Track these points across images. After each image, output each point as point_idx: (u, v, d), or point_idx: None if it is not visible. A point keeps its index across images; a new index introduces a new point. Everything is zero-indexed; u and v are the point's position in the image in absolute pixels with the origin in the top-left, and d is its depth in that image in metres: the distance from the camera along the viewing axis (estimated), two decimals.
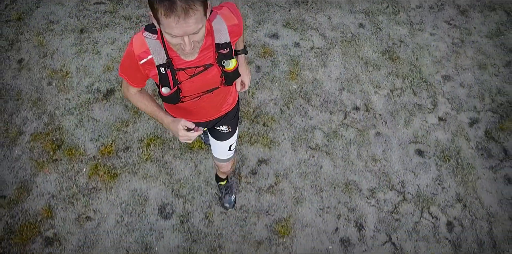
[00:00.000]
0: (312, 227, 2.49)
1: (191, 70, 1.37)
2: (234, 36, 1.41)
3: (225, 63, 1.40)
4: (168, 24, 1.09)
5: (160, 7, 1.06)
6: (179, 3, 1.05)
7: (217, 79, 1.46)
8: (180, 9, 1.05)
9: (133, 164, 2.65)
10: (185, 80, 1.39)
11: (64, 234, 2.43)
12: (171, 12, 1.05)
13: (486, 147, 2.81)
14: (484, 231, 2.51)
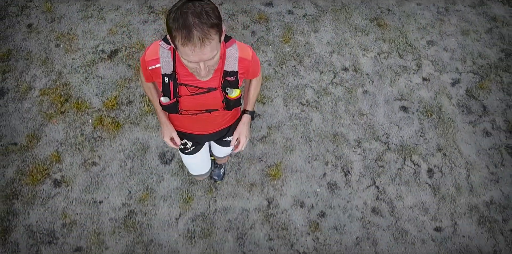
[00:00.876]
0: (301, 172, 2.67)
1: (193, 88, 1.40)
2: (242, 70, 1.43)
3: (228, 90, 1.42)
4: (184, 51, 1.14)
5: (178, 35, 1.11)
6: (196, 33, 1.09)
7: (218, 103, 1.48)
8: (196, 38, 1.10)
9: (135, 116, 2.84)
10: (185, 96, 1.43)
11: (71, 176, 2.61)
12: (188, 41, 1.10)
13: (467, 104, 2.99)
14: (462, 177, 2.69)
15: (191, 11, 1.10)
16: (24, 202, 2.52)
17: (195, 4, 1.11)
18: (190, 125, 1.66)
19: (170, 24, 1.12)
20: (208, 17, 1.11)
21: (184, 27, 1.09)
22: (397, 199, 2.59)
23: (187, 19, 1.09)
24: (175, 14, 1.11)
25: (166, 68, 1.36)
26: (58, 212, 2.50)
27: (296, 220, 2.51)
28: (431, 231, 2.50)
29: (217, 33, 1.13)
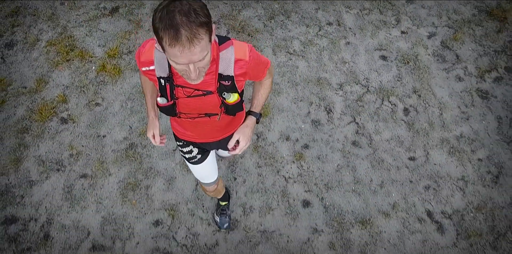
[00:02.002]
0: (287, 111, 2.91)
1: (189, 90, 1.35)
2: (239, 72, 1.35)
3: (225, 95, 1.36)
4: (173, 53, 1.08)
5: (165, 35, 1.05)
6: (184, 33, 1.03)
7: (216, 107, 1.43)
8: (185, 38, 1.04)
9: (135, 63, 3.08)
10: (182, 98, 1.38)
11: (77, 114, 2.85)
12: (176, 41, 1.04)
13: (441, 53, 3.24)
14: (435, 115, 2.94)
15: (178, 10, 1.04)
16: (34, 136, 2.76)
17: (182, 2, 1.06)
18: (193, 130, 1.61)
19: (157, 24, 1.06)
20: (197, 16, 1.05)
21: (171, 27, 1.03)
22: (375, 133, 2.84)
23: (174, 18, 1.03)
24: (161, 13, 1.05)
25: (161, 71, 1.32)
26: (65, 144, 2.73)
27: (282, 151, 2.75)
28: (405, 160, 2.74)
29: (206, 32, 1.08)
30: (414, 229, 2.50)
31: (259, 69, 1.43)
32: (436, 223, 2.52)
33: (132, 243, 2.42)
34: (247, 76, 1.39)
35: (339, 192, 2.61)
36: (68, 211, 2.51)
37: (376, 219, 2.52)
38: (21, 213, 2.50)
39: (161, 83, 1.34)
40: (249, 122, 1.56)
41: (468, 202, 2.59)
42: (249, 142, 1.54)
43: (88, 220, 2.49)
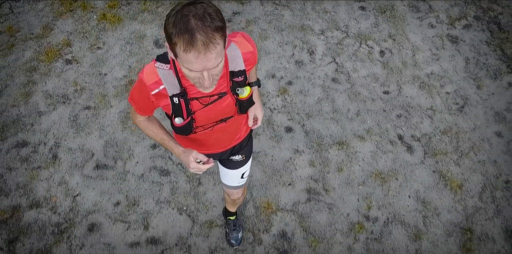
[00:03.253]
0: (273, 54, 3.18)
1: (205, 99, 1.32)
2: (249, 64, 1.35)
3: (239, 91, 1.34)
4: (187, 59, 1.04)
5: (179, 41, 1.01)
6: (200, 37, 1.00)
7: (232, 108, 1.40)
8: (200, 43, 1.00)
9: (134, 12, 3.34)
10: (199, 110, 1.35)
11: (80, 56, 3.12)
12: (191, 47, 1.00)
13: (416, 5, 3.51)
14: (409, 56, 3.21)
15: (192, 14, 1.00)
16: (41, 74, 3.02)
17: (197, 6, 1.02)
18: (206, 142, 1.56)
19: (170, 30, 1.02)
20: (212, 20, 1.01)
21: (186, 31, 0.99)
22: (353, 71, 3.11)
23: (189, 23, 0.99)
24: (175, 17, 1.01)
25: (172, 88, 1.27)
26: (70, 81, 3.00)
27: (268, 87, 3.02)
28: (380, 93, 3.02)
29: (222, 37, 1.04)
30: (386, 149, 2.77)
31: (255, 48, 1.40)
32: (406, 144, 2.80)
33: (132, 162, 2.69)
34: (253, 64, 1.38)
35: (318, 120, 2.88)
36: (74, 137, 2.78)
37: (352, 142, 2.79)
38: (31, 138, 2.76)
39: (174, 102, 1.29)
40: (256, 94, 1.55)
41: (435, 127, 2.87)
42: (262, 111, 1.60)
43: (92, 144, 2.75)
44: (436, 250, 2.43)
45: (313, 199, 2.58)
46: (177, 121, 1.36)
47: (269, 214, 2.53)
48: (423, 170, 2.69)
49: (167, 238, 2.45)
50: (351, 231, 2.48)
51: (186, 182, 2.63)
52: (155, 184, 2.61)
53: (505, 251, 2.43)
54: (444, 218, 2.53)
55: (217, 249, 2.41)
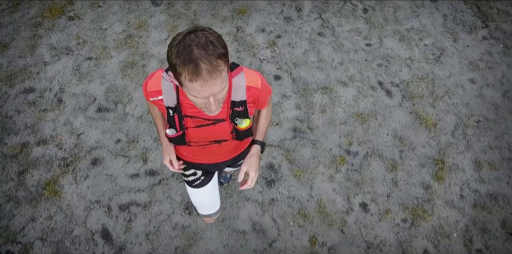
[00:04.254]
0: (263, 10, 3.39)
1: (199, 120, 1.34)
2: (251, 99, 1.35)
3: (237, 121, 1.35)
4: (193, 88, 1.05)
5: (184, 71, 1.01)
6: (204, 67, 1.00)
7: (227, 133, 1.41)
8: (205, 72, 1.01)
9: None
10: (191, 128, 1.36)
11: (82, 13, 3.32)
12: (196, 76, 1.01)
13: None
14: (390, 13, 3.42)
15: (195, 44, 1.01)
16: (45, 29, 3.23)
17: (198, 35, 1.03)
18: (200, 155, 1.57)
19: (174, 60, 1.03)
20: (215, 48, 1.02)
21: (190, 61, 1.00)
22: (338, 26, 3.32)
23: (192, 53, 1.00)
24: (177, 48, 1.02)
25: (169, 101, 1.30)
26: (73, 35, 3.21)
27: (258, 40, 3.24)
28: (362, 45, 3.23)
29: (225, 63, 1.06)
30: (367, 94, 2.99)
31: (266, 97, 1.42)
32: (385, 90, 3.02)
33: (131, 105, 2.90)
34: (256, 103, 1.39)
35: (305, 68, 3.09)
36: (77, 84, 2.99)
37: (335, 87, 3.01)
38: (37, 85, 2.97)
39: (169, 113, 1.32)
40: (255, 152, 1.52)
41: (413, 75, 3.09)
42: (258, 171, 1.51)
43: (94, 90, 2.97)
44: (411, 179, 2.65)
45: (298, 136, 2.79)
46: (169, 132, 1.39)
47: None
48: (401, 111, 2.91)
49: (164, 170, 2.66)
50: (333, 163, 2.69)
51: None
52: (152, 124, 2.82)
53: (473, 179, 2.66)
54: (419, 152, 2.75)
55: None
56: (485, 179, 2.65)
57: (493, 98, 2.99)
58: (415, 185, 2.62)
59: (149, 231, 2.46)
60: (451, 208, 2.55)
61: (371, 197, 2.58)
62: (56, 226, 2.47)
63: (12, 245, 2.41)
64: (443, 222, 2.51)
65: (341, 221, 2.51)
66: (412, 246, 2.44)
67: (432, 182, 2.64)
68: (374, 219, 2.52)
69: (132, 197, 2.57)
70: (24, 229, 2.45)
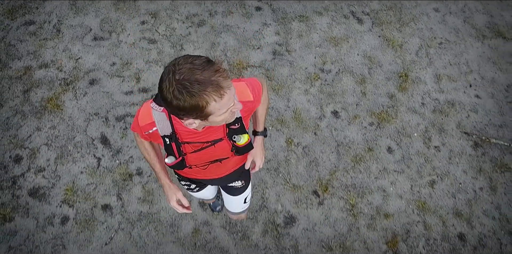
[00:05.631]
0: None
1: (198, 145, 1.32)
2: (246, 112, 1.33)
3: (236, 138, 1.32)
4: (223, 104, 1.03)
5: (209, 97, 0.99)
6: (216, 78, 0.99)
7: (227, 151, 1.39)
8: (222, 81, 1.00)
9: None
10: (190, 153, 1.35)
11: None
12: (221, 90, 1.00)
13: None
14: None
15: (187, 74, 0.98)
16: None
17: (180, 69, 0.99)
18: (202, 173, 1.53)
19: (191, 101, 0.99)
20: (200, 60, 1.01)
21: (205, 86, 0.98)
22: None
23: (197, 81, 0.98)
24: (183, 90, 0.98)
25: (164, 130, 1.27)
26: None
27: None
28: None
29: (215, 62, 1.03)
30: (340, 21, 3.26)
31: (259, 101, 1.40)
32: (357, 18, 3.29)
33: (124, 34, 3.17)
34: (252, 112, 1.38)
35: (284, 0, 3.36)
36: (74, 17, 3.24)
37: (311, 16, 3.28)
38: (37, 18, 3.23)
39: (166, 142, 1.30)
40: (259, 142, 1.55)
41: (382, 5, 3.36)
42: (263, 158, 1.57)
43: (90, 22, 3.22)
44: (377, 90, 2.95)
45: (277, 58, 3.08)
46: (168, 161, 1.36)
47: (241, 69, 3.03)
48: (371, 36, 3.20)
49: (155, 87, 2.94)
50: (308, 79, 2.99)
51: (170, 47, 3.11)
52: (144, 49, 3.10)
53: (434, 90, 2.96)
54: (386, 68, 3.04)
55: None
56: (444, 89, 2.96)
57: (455, 24, 3.28)
58: (381, 95, 2.92)
59: None
60: (413, 113, 2.86)
61: (341, 106, 2.88)
62: (59, 134, 2.75)
63: (20, 150, 2.69)
64: (405, 125, 2.81)
65: (314, 125, 2.81)
66: (377, 144, 2.74)
67: (397, 92, 2.94)
68: (344, 123, 2.82)
69: (127, 110, 2.85)
70: (30, 136, 2.74)
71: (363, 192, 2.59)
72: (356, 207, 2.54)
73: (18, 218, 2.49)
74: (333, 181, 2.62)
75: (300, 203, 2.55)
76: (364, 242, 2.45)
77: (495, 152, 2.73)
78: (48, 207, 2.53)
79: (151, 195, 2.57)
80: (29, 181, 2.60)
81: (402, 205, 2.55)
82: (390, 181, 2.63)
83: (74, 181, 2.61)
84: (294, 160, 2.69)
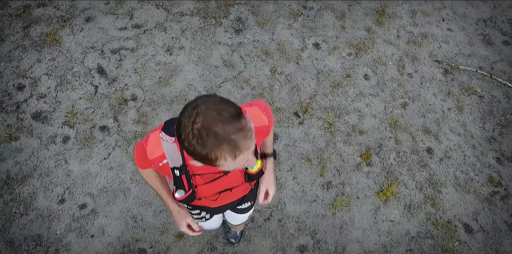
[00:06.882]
0: None
1: (209, 176, 1.25)
2: (261, 138, 1.28)
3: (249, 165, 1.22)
4: (237, 161, 0.95)
5: (221, 155, 0.90)
6: (236, 137, 0.90)
7: (239, 179, 1.34)
8: (241, 141, 0.90)
9: None
10: (201, 185, 1.28)
11: None
12: (237, 151, 0.91)
13: None
14: None
15: (209, 122, 0.88)
16: None
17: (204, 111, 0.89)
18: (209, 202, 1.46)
19: (203, 151, 0.90)
20: (228, 111, 0.90)
21: (222, 143, 0.89)
22: None
23: (216, 133, 0.88)
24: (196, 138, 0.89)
25: (174, 162, 1.19)
26: None
27: None
28: None
29: (243, 116, 0.93)
30: None
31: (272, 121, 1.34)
32: None
33: None
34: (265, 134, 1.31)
35: None
36: None
37: None
38: None
39: (175, 174, 1.22)
40: (270, 168, 1.48)
41: None
42: (275, 187, 1.51)
43: None
44: (356, 25, 3.14)
45: None
46: (177, 195, 1.29)
47: (228, 7, 3.21)
48: None
49: (148, 23, 3.13)
50: (291, 15, 3.18)
51: None
52: None
53: (409, 24, 3.16)
54: (364, 5, 3.23)
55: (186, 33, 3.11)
56: (418, 23, 3.16)
57: None
58: (359, 28, 3.12)
59: (136, 67, 2.96)
60: (388, 45, 3.07)
61: (322, 38, 3.08)
62: (58, 65, 2.95)
63: (23, 79, 2.90)
64: (381, 54, 3.02)
65: (297, 56, 3.01)
66: (354, 71, 2.96)
67: (374, 26, 3.13)
68: (324, 54, 3.02)
69: (121, 44, 3.05)
70: (31, 67, 2.93)
71: (340, 113, 2.81)
72: (334, 126, 2.77)
73: (23, 137, 2.70)
74: (312, 103, 2.84)
75: (282, 123, 2.77)
76: (340, 155, 2.68)
77: (463, 77, 2.95)
78: (50, 128, 2.74)
79: (145, 116, 2.79)
80: (32, 106, 2.81)
81: (376, 123, 2.78)
82: (366, 103, 2.85)
83: (74, 106, 2.82)
84: (278, 86, 2.90)
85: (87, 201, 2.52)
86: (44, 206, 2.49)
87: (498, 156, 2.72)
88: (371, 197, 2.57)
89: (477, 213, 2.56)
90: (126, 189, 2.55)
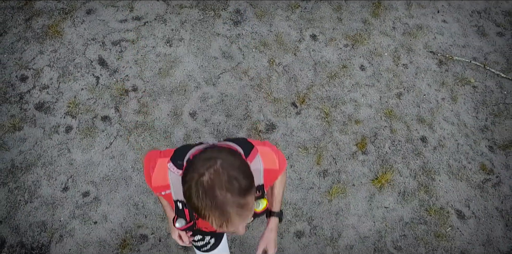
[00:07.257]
0: None
1: None
2: (269, 180, 1.27)
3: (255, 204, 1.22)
4: (224, 230, 0.95)
5: (210, 216, 0.90)
6: (232, 211, 0.89)
7: None
8: (234, 216, 0.90)
9: None
10: None
11: None
12: (226, 223, 0.91)
13: None
14: None
15: (218, 186, 0.88)
16: None
17: (217, 170, 0.89)
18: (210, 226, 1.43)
19: (196, 203, 0.90)
20: (240, 184, 0.90)
21: (216, 208, 0.89)
22: None
23: (216, 197, 0.88)
24: (196, 191, 0.89)
25: (178, 194, 1.16)
26: None
27: None
28: None
29: (252, 194, 0.93)
30: None
31: (283, 168, 1.33)
32: None
33: None
34: (273, 181, 1.32)
35: None
36: None
37: None
38: None
39: (178, 206, 1.21)
40: (273, 226, 1.44)
41: None
42: (276, 246, 1.44)
43: None
44: (353, 16, 3.20)
45: None
46: (178, 225, 1.26)
47: None
48: None
49: (148, 15, 3.18)
50: (289, 7, 3.23)
51: None
52: None
53: (404, 15, 3.21)
54: None
55: (186, 22, 3.16)
56: (414, 15, 3.21)
57: None
58: (356, 20, 3.18)
59: (137, 58, 3.01)
60: (384, 36, 3.12)
61: (319, 30, 3.14)
62: (60, 56, 3.01)
63: (25, 70, 2.95)
64: (377, 46, 3.08)
65: (294, 47, 3.07)
66: (351, 62, 3.02)
67: (370, 18, 3.19)
68: (321, 45, 3.08)
69: (122, 35, 3.10)
70: (34, 59, 2.99)
71: (337, 103, 2.88)
72: (330, 115, 2.83)
73: (26, 127, 2.77)
74: (310, 94, 2.90)
75: (279, 113, 2.84)
76: (336, 144, 2.75)
77: (457, 68, 3.01)
78: (53, 118, 2.81)
79: (145, 107, 2.85)
80: (35, 97, 2.87)
81: (371, 113, 2.85)
82: (362, 93, 2.91)
83: (76, 96, 2.88)
84: (275, 77, 2.96)
85: (90, 189, 2.59)
86: (48, 194, 2.56)
87: (491, 144, 2.79)
88: (366, 184, 2.64)
89: (469, 200, 2.64)
90: (127, 177, 2.62)
